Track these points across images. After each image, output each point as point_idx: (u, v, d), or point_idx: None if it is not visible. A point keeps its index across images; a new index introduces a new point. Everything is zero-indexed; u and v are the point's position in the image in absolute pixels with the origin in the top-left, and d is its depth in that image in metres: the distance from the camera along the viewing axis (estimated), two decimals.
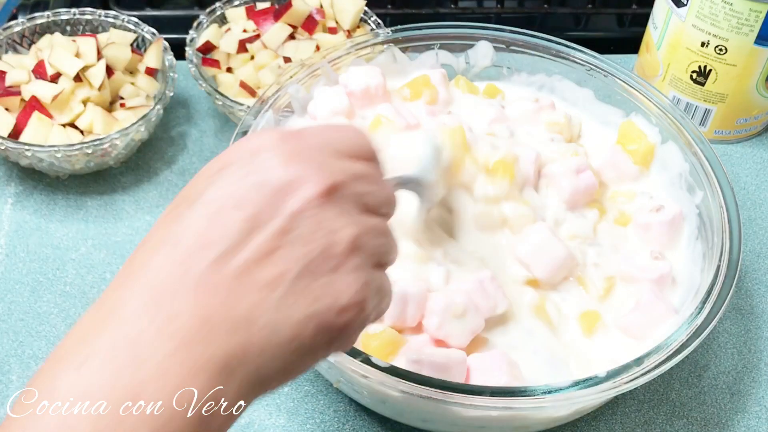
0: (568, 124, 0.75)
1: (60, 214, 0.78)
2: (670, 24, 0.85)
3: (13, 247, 0.75)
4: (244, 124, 0.69)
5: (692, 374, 0.71)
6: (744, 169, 0.89)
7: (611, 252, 0.68)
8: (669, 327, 0.61)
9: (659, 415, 0.68)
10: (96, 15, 0.85)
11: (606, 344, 0.64)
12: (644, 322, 0.63)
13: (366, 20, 0.88)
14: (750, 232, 0.82)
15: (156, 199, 0.80)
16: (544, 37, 0.80)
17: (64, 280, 0.73)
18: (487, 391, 0.54)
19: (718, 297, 0.61)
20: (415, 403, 0.57)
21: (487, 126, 0.72)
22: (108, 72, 0.79)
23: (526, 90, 0.81)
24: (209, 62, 0.85)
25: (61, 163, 0.76)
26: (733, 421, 0.68)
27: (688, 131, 0.73)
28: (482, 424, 0.60)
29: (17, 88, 0.77)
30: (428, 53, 0.81)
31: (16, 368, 0.67)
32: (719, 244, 0.65)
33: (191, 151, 0.85)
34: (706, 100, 0.87)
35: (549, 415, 0.60)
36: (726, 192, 0.68)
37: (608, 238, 0.69)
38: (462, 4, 1.05)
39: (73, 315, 0.71)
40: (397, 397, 0.57)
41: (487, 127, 0.72)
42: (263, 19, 0.86)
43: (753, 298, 0.77)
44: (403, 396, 0.55)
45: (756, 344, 0.73)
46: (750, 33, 0.80)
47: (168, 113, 0.87)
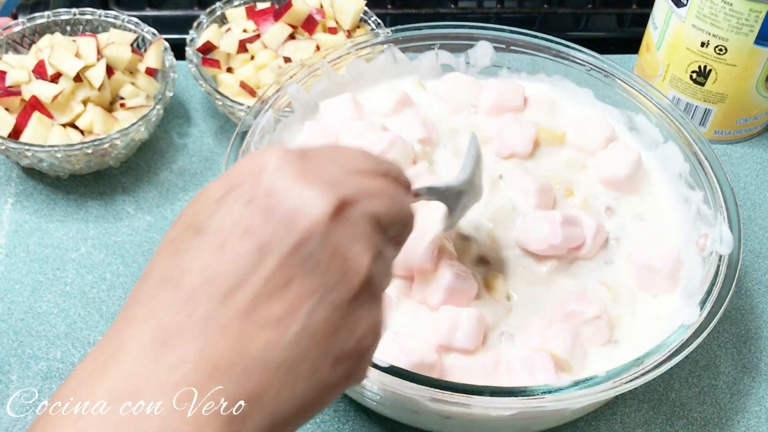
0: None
1: (60, 214, 0.78)
2: (670, 24, 0.85)
3: (13, 247, 0.75)
4: (244, 124, 0.69)
5: (692, 374, 0.71)
6: (744, 169, 0.89)
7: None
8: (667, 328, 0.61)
9: (659, 415, 0.68)
10: (96, 15, 0.85)
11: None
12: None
13: (366, 20, 0.88)
14: (750, 232, 0.82)
15: (156, 199, 0.80)
16: (544, 37, 0.80)
17: (64, 280, 0.73)
18: (487, 391, 0.54)
19: (718, 297, 0.61)
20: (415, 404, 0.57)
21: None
22: (108, 72, 0.79)
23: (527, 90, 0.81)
24: (209, 62, 0.85)
25: (61, 163, 0.76)
26: (733, 421, 0.68)
27: (688, 131, 0.73)
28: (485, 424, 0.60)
29: (17, 88, 0.77)
30: (428, 53, 0.81)
31: (16, 368, 0.67)
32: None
33: (191, 151, 0.85)
34: (706, 100, 0.87)
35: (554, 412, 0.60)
36: (726, 192, 0.68)
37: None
38: (462, 4, 1.05)
39: (73, 315, 0.71)
40: (398, 397, 0.57)
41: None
42: (263, 19, 0.86)
43: (753, 298, 0.77)
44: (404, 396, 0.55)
45: (756, 344, 0.73)
46: (750, 33, 0.80)
47: (168, 113, 0.87)
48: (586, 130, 0.76)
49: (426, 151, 0.74)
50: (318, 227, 0.37)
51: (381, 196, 0.41)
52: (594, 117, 0.78)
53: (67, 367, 0.67)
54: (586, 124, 0.77)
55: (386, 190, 0.42)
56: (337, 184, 0.39)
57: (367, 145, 0.70)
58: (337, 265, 0.37)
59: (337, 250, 0.37)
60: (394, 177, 0.44)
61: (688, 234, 0.70)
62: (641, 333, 0.64)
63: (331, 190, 0.38)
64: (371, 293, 0.39)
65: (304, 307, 0.36)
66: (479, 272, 0.65)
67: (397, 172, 0.45)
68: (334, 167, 0.40)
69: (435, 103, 0.79)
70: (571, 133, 0.77)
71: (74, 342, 0.69)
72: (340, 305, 0.37)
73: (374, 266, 0.39)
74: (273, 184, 0.38)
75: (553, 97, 0.80)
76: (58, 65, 0.77)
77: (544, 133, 0.76)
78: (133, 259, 0.75)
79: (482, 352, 0.61)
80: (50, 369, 0.67)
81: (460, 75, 0.80)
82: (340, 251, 0.38)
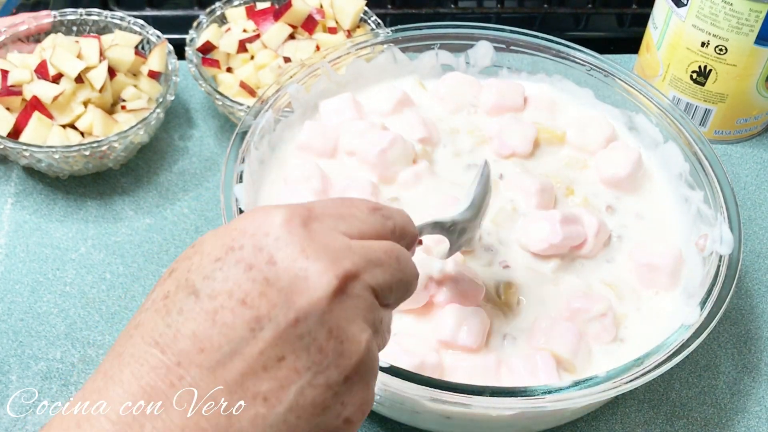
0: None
1: (60, 214, 0.78)
2: (670, 24, 0.85)
3: (13, 247, 0.75)
4: (244, 124, 0.69)
5: (692, 374, 0.71)
6: (744, 169, 0.89)
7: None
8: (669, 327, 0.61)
9: (659, 415, 0.68)
10: (102, 16, 0.85)
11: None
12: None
13: (366, 20, 0.88)
14: (750, 232, 0.82)
15: (156, 199, 0.80)
16: (544, 37, 0.80)
17: (64, 280, 0.73)
18: (487, 391, 0.54)
19: (718, 297, 0.61)
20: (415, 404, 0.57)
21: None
22: (110, 73, 0.79)
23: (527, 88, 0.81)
24: (209, 62, 0.85)
25: (60, 163, 0.76)
26: (733, 421, 0.68)
27: (688, 131, 0.73)
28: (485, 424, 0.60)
29: (19, 87, 0.77)
30: (428, 53, 0.81)
31: (16, 368, 0.67)
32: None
33: (191, 151, 0.85)
34: (706, 100, 0.87)
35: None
36: (726, 192, 0.68)
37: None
38: (462, 4, 1.05)
39: (72, 315, 0.71)
40: (398, 397, 0.57)
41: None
42: (263, 19, 0.86)
43: (753, 298, 0.77)
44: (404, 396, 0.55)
45: (756, 344, 0.73)
46: (750, 33, 0.80)
47: (168, 114, 0.87)
48: (586, 130, 0.76)
49: (426, 150, 0.74)
50: (317, 306, 0.36)
51: (385, 264, 0.40)
52: (594, 117, 0.78)
53: (67, 367, 0.67)
54: (586, 123, 0.77)
55: (391, 255, 0.40)
56: (340, 257, 0.37)
57: (367, 145, 0.70)
58: (333, 346, 0.36)
59: (335, 330, 0.36)
60: (399, 233, 0.43)
61: (689, 233, 0.70)
62: (646, 331, 0.64)
63: (333, 265, 0.37)
64: (365, 372, 0.38)
65: (294, 385, 0.35)
66: (489, 277, 0.65)
67: (403, 226, 0.43)
68: (338, 235, 0.39)
69: (435, 103, 0.79)
70: (571, 132, 0.77)
71: (74, 342, 0.69)
72: (332, 386, 0.36)
73: (372, 343, 0.38)
74: (274, 255, 0.37)
75: (553, 97, 0.80)
76: (59, 66, 0.77)
77: (544, 132, 0.76)
78: (132, 260, 0.75)
79: (484, 352, 0.61)
80: (50, 369, 0.67)
81: (460, 75, 0.80)
82: (337, 331, 0.37)
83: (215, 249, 0.38)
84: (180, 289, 0.37)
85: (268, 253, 0.37)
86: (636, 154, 0.73)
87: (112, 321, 0.70)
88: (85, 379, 0.66)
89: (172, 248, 0.76)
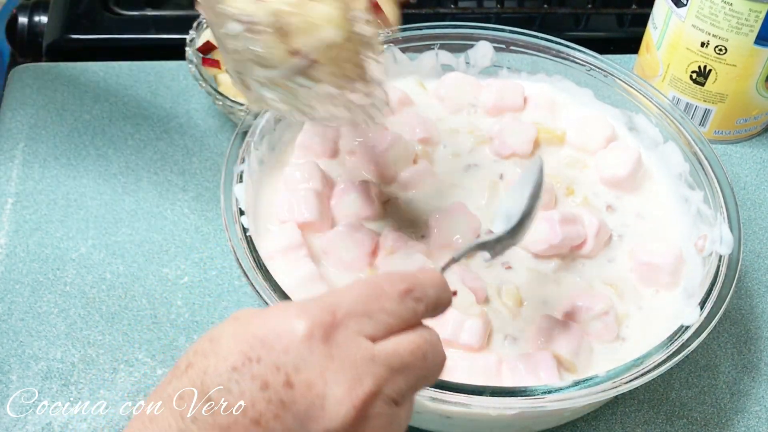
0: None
1: (60, 214, 0.78)
2: (670, 24, 0.85)
3: (13, 247, 0.75)
4: (244, 124, 0.69)
5: (692, 374, 0.71)
6: (744, 169, 0.89)
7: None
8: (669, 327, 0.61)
9: (659, 415, 0.68)
10: None
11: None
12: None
13: None
14: (750, 232, 0.82)
15: (156, 199, 0.80)
16: (544, 37, 0.80)
17: (64, 280, 0.73)
18: (487, 391, 0.54)
19: (718, 297, 0.61)
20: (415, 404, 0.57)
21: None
22: None
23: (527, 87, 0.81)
24: (209, 62, 0.85)
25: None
26: (733, 421, 0.68)
27: (688, 131, 0.73)
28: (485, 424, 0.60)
29: None
30: (428, 53, 0.81)
31: (16, 368, 0.67)
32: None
33: (191, 151, 0.85)
34: (706, 100, 0.87)
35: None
36: (726, 192, 0.68)
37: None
38: (462, 4, 1.05)
39: (73, 315, 0.71)
40: None
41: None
42: None
43: (753, 298, 0.77)
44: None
45: (756, 344, 0.73)
46: (750, 33, 0.80)
47: (168, 113, 0.87)
48: (586, 130, 0.76)
49: (426, 150, 0.74)
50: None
51: (410, 367, 0.38)
52: (594, 117, 0.78)
53: (67, 367, 0.67)
54: (586, 123, 0.77)
55: (417, 354, 0.39)
56: (361, 375, 0.36)
57: (367, 145, 0.70)
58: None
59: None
60: (433, 309, 0.41)
61: (689, 233, 0.70)
62: (647, 330, 0.64)
63: (352, 391, 0.36)
64: None
65: None
66: (491, 277, 0.65)
67: (435, 301, 0.42)
68: (362, 342, 0.37)
69: (435, 103, 0.79)
70: (571, 132, 0.77)
71: (74, 342, 0.69)
72: None
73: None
74: (292, 377, 0.36)
75: (553, 97, 0.80)
76: None
77: (544, 132, 0.76)
78: (132, 260, 0.75)
79: (485, 352, 0.61)
80: (50, 369, 0.67)
81: (460, 75, 0.80)
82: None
83: (232, 355, 0.37)
84: (192, 394, 0.36)
85: (286, 373, 0.36)
86: (636, 154, 0.73)
87: (112, 321, 0.70)
88: (85, 378, 0.66)
89: (172, 248, 0.76)
